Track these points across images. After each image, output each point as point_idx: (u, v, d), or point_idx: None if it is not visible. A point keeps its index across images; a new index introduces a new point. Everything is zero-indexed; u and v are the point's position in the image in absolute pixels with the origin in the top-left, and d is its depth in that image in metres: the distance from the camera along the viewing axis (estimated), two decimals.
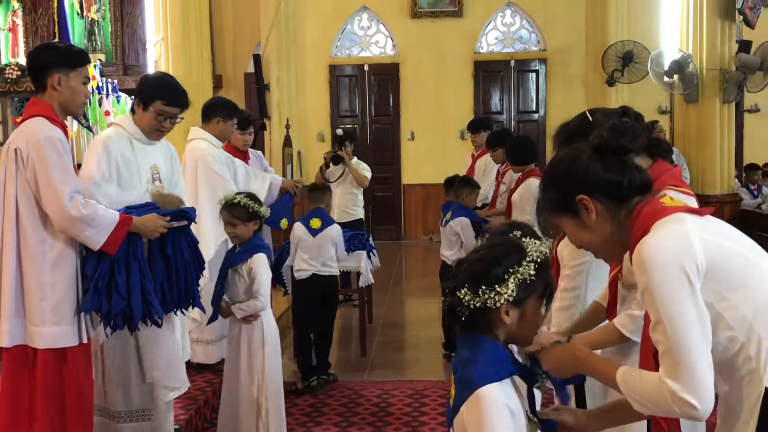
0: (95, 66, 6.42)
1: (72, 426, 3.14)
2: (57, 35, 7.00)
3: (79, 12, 7.55)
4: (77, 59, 3.21)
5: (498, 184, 6.32)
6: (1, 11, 7.48)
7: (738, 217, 7.43)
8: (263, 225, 4.07)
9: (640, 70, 8.99)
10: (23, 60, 6.60)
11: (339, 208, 7.28)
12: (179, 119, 3.67)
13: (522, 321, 1.83)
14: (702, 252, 1.72)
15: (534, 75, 12.15)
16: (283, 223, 5.24)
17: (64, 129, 3.16)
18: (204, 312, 3.87)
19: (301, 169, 10.51)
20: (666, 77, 7.76)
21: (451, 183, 5.94)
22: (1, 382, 3.15)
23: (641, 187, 1.87)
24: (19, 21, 7.41)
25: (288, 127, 10.30)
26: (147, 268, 3.26)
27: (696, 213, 1.83)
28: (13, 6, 7.44)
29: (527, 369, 1.90)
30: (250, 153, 5.60)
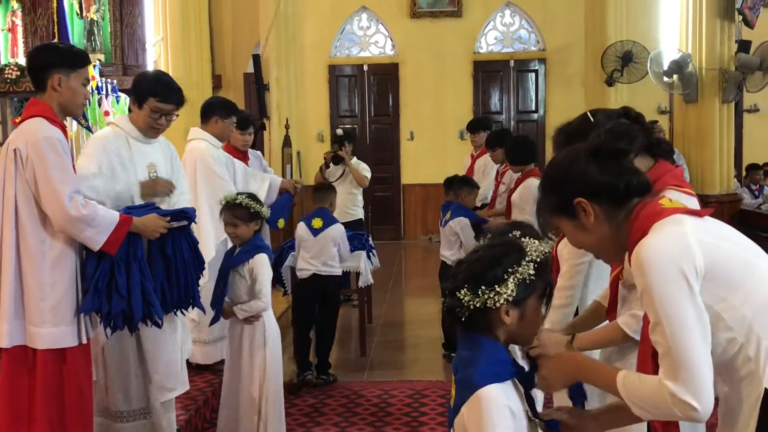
0: (95, 66, 6.41)
1: (72, 426, 3.14)
2: (56, 35, 6.98)
3: (79, 12, 7.53)
4: (78, 60, 3.21)
5: (497, 184, 6.32)
6: (1, 11, 7.47)
7: (738, 217, 7.43)
8: (263, 225, 4.07)
9: (639, 70, 9.00)
10: (22, 60, 6.58)
11: (339, 208, 7.22)
12: (175, 116, 3.67)
13: (522, 321, 1.83)
14: (700, 253, 1.72)
15: (533, 75, 12.15)
16: (281, 223, 5.23)
17: (63, 129, 3.16)
18: (204, 312, 3.86)
19: (301, 169, 10.51)
20: (665, 77, 7.76)
21: (451, 183, 5.94)
22: (1, 382, 3.14)
23: (639, 190, 1.87)
24: (19, 21, 7.39)
25: (287, 127, 10.31)
26: (147, 268, 3.26)
27: (695, 214, 1.83)
28: (13, 6, 7.42)
29: (525, 372, 1.90)
30: (249, 153, 5.59)
